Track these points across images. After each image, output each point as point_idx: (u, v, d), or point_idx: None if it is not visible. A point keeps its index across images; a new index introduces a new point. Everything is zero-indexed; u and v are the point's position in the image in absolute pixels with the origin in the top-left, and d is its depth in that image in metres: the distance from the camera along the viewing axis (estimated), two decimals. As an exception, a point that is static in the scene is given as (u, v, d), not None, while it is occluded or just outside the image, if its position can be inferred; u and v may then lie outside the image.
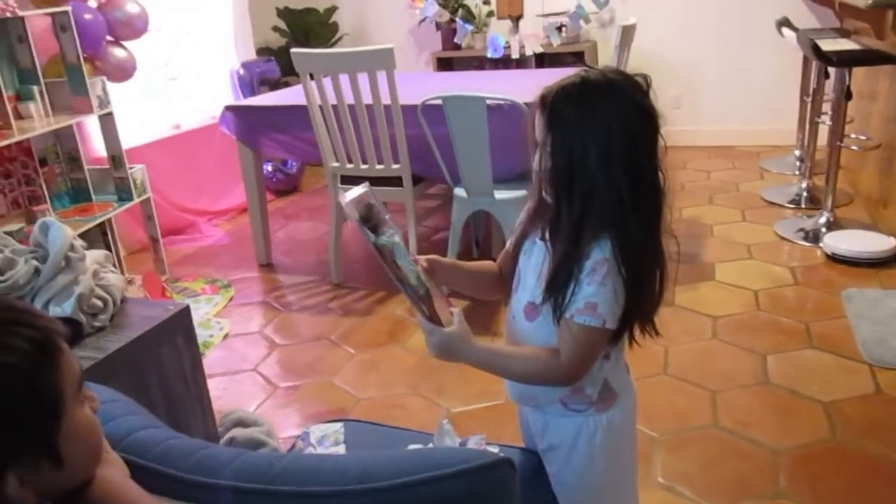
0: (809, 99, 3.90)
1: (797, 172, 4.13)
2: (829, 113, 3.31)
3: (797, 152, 4.30)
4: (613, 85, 1.06)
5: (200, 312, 3.02)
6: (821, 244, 3.13)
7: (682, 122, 4.97)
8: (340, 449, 1.33)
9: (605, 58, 4.40)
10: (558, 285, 1.07)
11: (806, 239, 3.25)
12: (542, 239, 1.12)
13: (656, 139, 1.09)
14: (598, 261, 1.04)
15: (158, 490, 0.81)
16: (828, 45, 3.20)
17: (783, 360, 2.36)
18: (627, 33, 2.98)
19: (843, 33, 3.80)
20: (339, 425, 1.39)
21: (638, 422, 1.44)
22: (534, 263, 1.15)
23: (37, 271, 1.23)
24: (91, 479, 0.78)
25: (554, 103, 1.06)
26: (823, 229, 3.23)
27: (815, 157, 3.73)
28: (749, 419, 2.08)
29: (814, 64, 3.78)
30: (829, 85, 3.47)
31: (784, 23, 3.95)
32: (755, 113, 4.78)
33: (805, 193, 3.71)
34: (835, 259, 3.02)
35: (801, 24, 4.08)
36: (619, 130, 1.03)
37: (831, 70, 3.36)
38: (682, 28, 4.76)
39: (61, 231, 1.26)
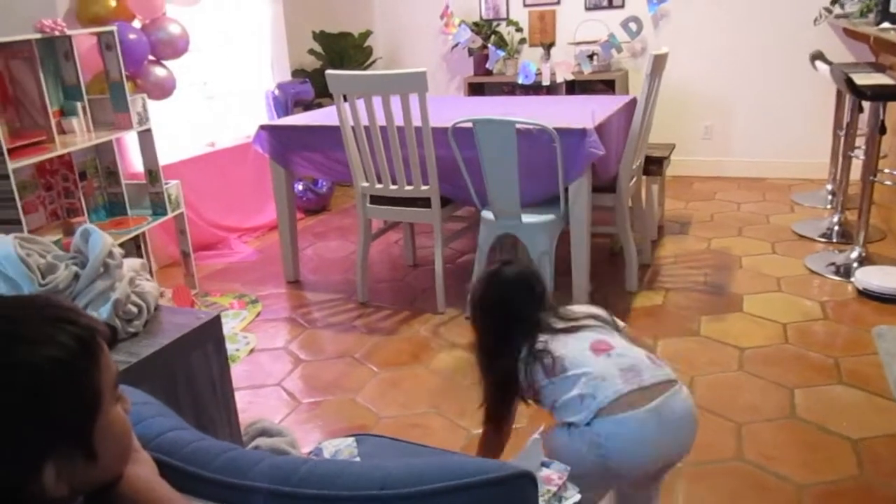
0: (843, 133, 3.88)
1: (829, 206, 4.09)
2: (863, 147, 3.28)
3: (829, 186, 4.26)
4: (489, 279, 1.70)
5: (228, 327, 3.06)
6: (852, 279, 3.09)
7: (712, 153, 4.96)
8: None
9: (636, 86, 4.42)
10: None
11: (837, 274, 3.21)
12: None
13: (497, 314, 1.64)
14: None
15: (186, 489, 0.83)
16: (862, 79, 3.18)
17: (811, 394, 2.33)
18: (659, 63, 3.00)
19: (879, 68, 3.78)
20: (351, 440, 1.40)
21: None
22: None
23: (76, 276, 1.27)
24: (121, 476, 0.80)
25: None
26: (855, 264, 3.19)
27: (847, 192, 3.69)
28: (774, 453, 2.05)
29: (847, 98, 3.76)
30: (863, 119, 3.45)
31: (818, 56, 3.94)
32: (787, 145, 4.75)
33: (837, 228, 3.67)
34: (866, 295, 2.97)
35: (835, 59, 4.06)
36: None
37: (865, 104, 3.34)
38: (715, 58, 4.77)
39: (101, 238, 1.30)
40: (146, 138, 3.17)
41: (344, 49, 5.18)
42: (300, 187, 4.51)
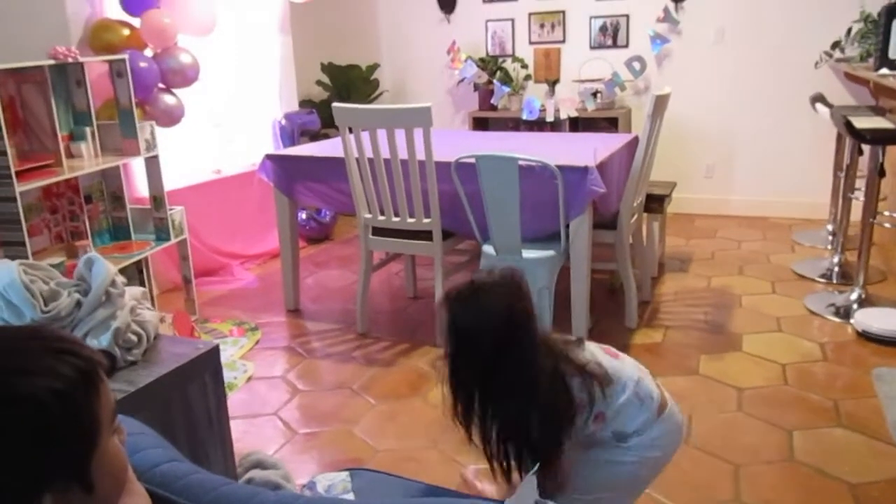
0: (843, 174, 3.90)
1: (829, 247, 4.10)
2: (863, 189, 3.30)
3: (829, 227, 4.28)
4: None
5: (227, 354, 3.06)
6: (852, 321, 3.09)
7: (713, 191, 4.99)
8: (350, 497, 1.33)
9: (639, 124, 4.46)
10: None
11: (837, 315, 3.21)
12: None
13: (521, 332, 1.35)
14: None
15: (178, 523, 0.83)
16: (862, 122, 3.22)
17: (810, 437, 2.31)
18: (661, 103, 3.04)
19: (879, 111, 3.82)
20: (345, 474, 1.40)
21: (655, 490, 1.48)
22: None
23: (78, 304, 1.28)
24: (115, 507, 0.80)
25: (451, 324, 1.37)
26: (855, 306, 3.19)
27: (847, 233, 3.71)
28: (773, 497, 2.03)
29: (847, 140, 3.79)
30: (863, 161, 3.48)
31: (818, 98, 3.99)
32: (788, 185, 4.79)
33: (837, 268, 3.67)
34: (866, 337, 2.97)
35: (835, 101, 4.11)
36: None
37: (865, 147, 3.37)
38: (717, 98, 4.83)
39: (104, 267, 1.32)
40: (153, 164, 3.21)
41: (351, 81, 5.26)
42: (303, 216, 4.54)
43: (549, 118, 4.84)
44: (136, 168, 3.52)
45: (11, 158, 2.51)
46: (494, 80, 5.13)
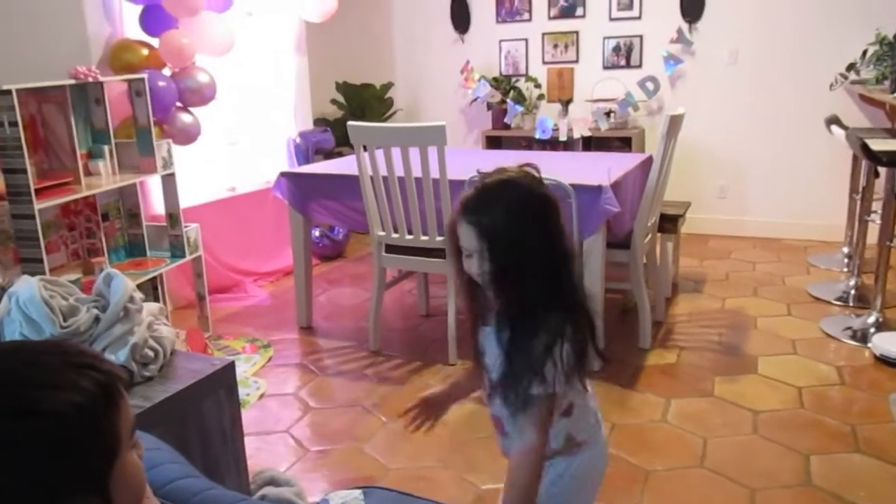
0: (859, 197, 3.88)
1: (845, 269, 4.07)
2: (879, 212, 3.28)
3: (846, 249, 4.24)
4: (513, 184, 1.20)
5: (239, 371, 3.06)
6: (869, 345, 3.05)
7: (727, 212, 4.98)
8: (363, 516, 1.33)
9: (653, 144, 4.47)
10: (516, 371, 1.17)
11: (853, 338, 3.17)
12: (488, 324, 1.25)
13: (559, 215, 1.21)
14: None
15: (194, 540, 0.83)
16: (878, 144, 3.21)
17: (828, 462, 2.28)
18: (675, 123, 3.04)
19: (895, 134, 3.81)
20: (358, 493, 1.39)
21: None
22: (490, 350, 1.26)
23: (97, 319, 1.30)
24: (131, 523, 0.80)
25: (480, 217, 1.17)
26: (872, 329, 3.16)
27: (864, 255, 3.68)
28: (790, 521, 2.00)
29: (863, 163, 3.78)
30: (879, 184, 3.46)
31: (833, 120, 3.98)
32: (803, 207, 4.76)
33: (853, 291, 3.64)
34: (883, 361, 2.93)
35: (851, 123, 4.10)
36: (532, 222, 1.17)
37: (881, 169, 3.35)
38: (731, 120, 4.83)
39: (123, 283, 1.33)
40: (169, 182, 3.24)
41: (365, 100, 5.30)
42: (316, 233, 4.56)
43: (563, 137, 4.86)
44: (153, 186, 3.56)
45: (31, 177, 2.55)
46: (508, 100, 5.16)
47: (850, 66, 4.34)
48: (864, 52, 4.29)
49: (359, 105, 5.27)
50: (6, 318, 1.27)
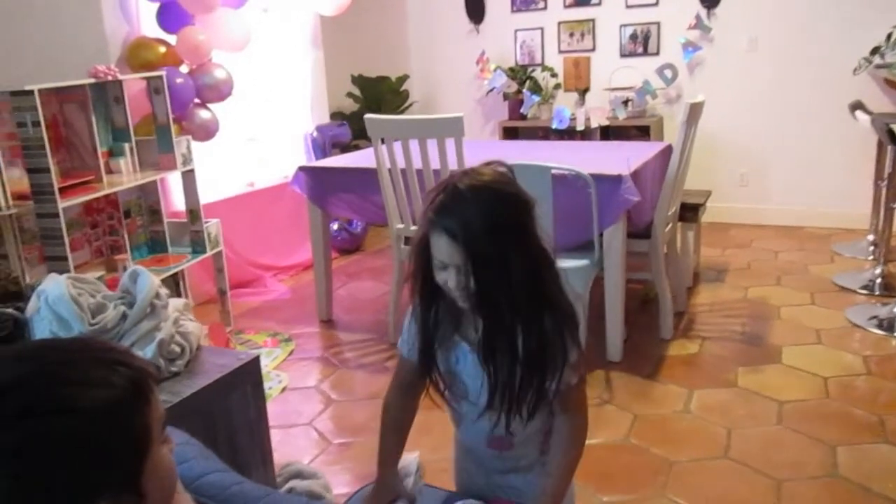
0: (884, 184, 3.82)
1: (871, 258, 4.01)
2: (905, 197, 3.23)
3: (871, 237, 4.18)
4: (488, 189, 1.09)
5: (261, 365, 3.08)
6: (895, 334, 3.01)
7: (748, 200, 4.92)
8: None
9: (671, 133, 4.43)
10: (533, 382, 1.14)
11: (880, 327, 3.13)
12: (473, 345, 1.17)
13: (535, 216, 1.13)
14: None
15: (225, 534, 0.84)
16: (903, 129, 3.15)
17: (855, 453, 2.25)
18: (695, 111, 3.01)
19: (920, 118, 3.74)
20: (415, 455, 1.38)
21: None
22: (471, 370, 1.20)
23: (124, 316, 1.31)
24: (163, 517, 0.81)
25: (457, 226, 1.06)
26: (898, 317, 3.12)
27: (889, 244, 3.62)
28: (817, 512, 1.98)
29: (889, 148, 3.71)
30: (905, 169, 3.40)
31: (857, 106, 3.92)
32: (826, 194, 4.70)
33: (879, 280, 3.59)
34: (911, 348, 2.89)
35: (875, 108, 4.03)
36: (513, 229, 1.08)
37: (906, 155, 3.29)
38: (751, 106, 4.77)
39: (149, 279, 1.34)
40: (189, 179, 3.26)
41: (381, 93, 5.29)
42: (335, 227, 4.57)
43: (580, 127, 4.82)
44: (173, 182, 3.58)
45: (55, 176, 2.58)
46: (524, 90, 5.13)
47: (875, 50, 4.26)
48: (889, 36, 4.21)
49: (375, 98, 5.26)
50: (36, 317, 1.28)
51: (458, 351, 1.21)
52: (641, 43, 4.98)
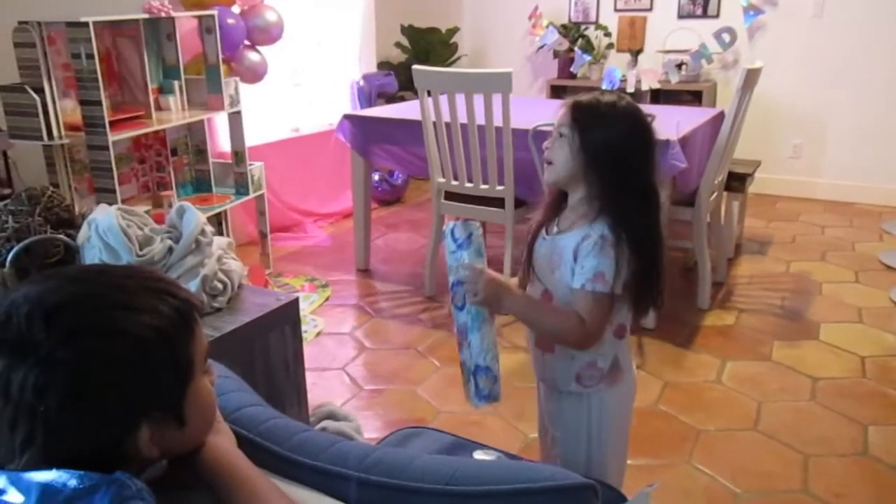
0: (944, 162, 3.67)
1: (922, 238, 3.89)
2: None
3: (924, 217, 4.05)
4: (621, 106, 1.32)
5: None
6: (942, 317, 2.93)
7: (799, 173, 4.79)
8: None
9: (724, 99, 4.30)
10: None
11: (925, 309, 3.05)
12: (549, 233, 1.36)
13: (653, 154, 1.32)
14: (602, 236, 1.24)
15: (260, 463, 0.87)
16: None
17: (888, 433, 2.23)
18: (752, 77, 2.91)
19: None
20: (477, 224, 1.35)
21: (720, 474, 1.42)
22: (544, 255, 1.36)
23: (170, 250, 1.34)
24: (203, 444, 0.84)
25: (585, 114, 1.29)
26: (946, 301, 3.03)
27: (944, 224, 3.50)
28: (843, 490, 1.97)
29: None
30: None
31: (923, 80, 3.75)
32: (881, 171, 4.54)
33: (929, 261, 3.49)
34: (956, 334, 2.82)
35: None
36: (630, 138, 1.29)
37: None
38: (810, 76, 4.59)
39: (195, 216, 1.37)
40: (235, 120, 3.29)
41: (430, 44, 5.23)
42: (376, 177, 4.59)
43: (630, 89, 4.70)
44: (220, 123, 3.62)
45: (106, 109, 2.62)
46: (575, 48, 5.01)
47: (948, 22, 4.05)
48: (965, 7, 4.00)
49: (423, 49, 5.20)
50: (87, 244, 1.33)
51: (539, 245, 1.39)
52: (701, 4, 4.81)
